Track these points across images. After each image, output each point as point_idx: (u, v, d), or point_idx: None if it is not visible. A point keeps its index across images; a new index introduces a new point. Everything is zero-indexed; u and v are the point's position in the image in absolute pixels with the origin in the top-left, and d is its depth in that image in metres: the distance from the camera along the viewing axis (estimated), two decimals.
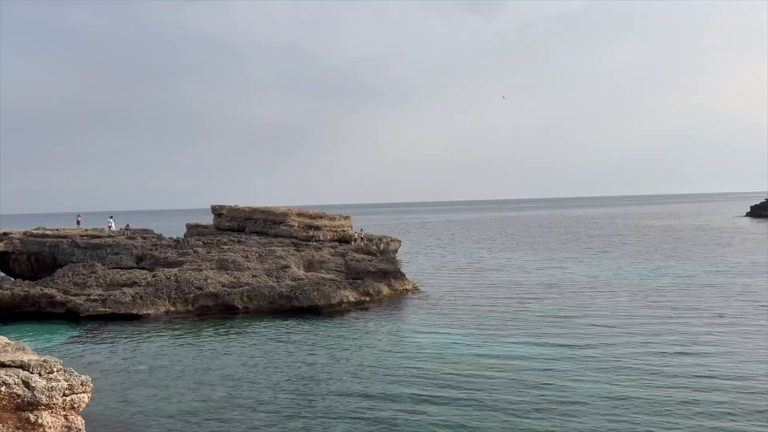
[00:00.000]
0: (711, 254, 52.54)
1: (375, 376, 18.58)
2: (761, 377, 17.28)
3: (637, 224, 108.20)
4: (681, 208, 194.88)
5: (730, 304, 28.80)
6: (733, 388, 16.38)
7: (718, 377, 17.35)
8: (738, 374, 17.57)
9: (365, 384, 17.77)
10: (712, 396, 15.84)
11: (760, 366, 18.39)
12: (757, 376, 17.39)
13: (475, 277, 41.58)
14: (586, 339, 22.52)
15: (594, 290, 34.38)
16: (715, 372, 17.88)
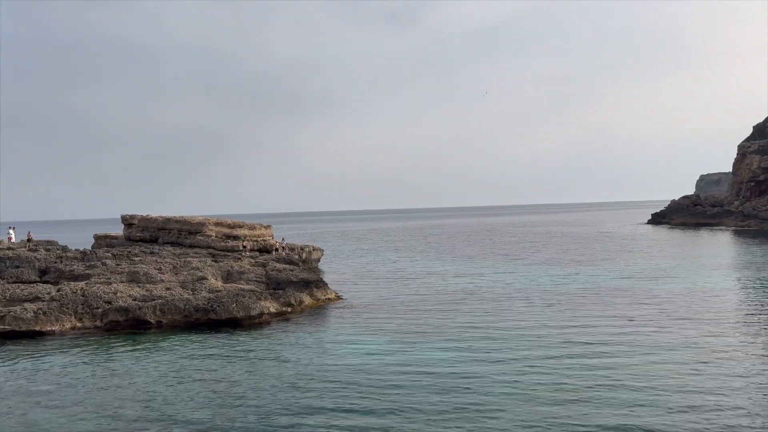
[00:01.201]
0: (617, 260, 55.78)
1: (296, 388, 18.28)
2: (670, 377, 18.42)
3: (548, 232, 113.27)
4: (588, 216, 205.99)
5: (638, 308, 30.61)
6: (645, 388, 17.36)
7: (629, 379, 18.27)
8: (649, 374, 18.61)
9: (286, 397, 17.44)
10: (624, 396, 16.70)
11: (668, 366, 19.61)
12: (665, 376, 18.51)
13: (396, 286, 41.95)
14: (504, 344, 23.20)
15: (510, 296, 35.55)
16: (627, 373, 18.82)
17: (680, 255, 59.37)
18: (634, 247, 70.28)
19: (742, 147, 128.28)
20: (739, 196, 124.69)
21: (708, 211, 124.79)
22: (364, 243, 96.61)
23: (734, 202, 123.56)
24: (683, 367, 19.23)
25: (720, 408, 15.48)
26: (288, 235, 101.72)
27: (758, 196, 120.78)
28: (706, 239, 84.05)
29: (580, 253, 64.50)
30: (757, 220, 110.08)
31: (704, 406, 15.65)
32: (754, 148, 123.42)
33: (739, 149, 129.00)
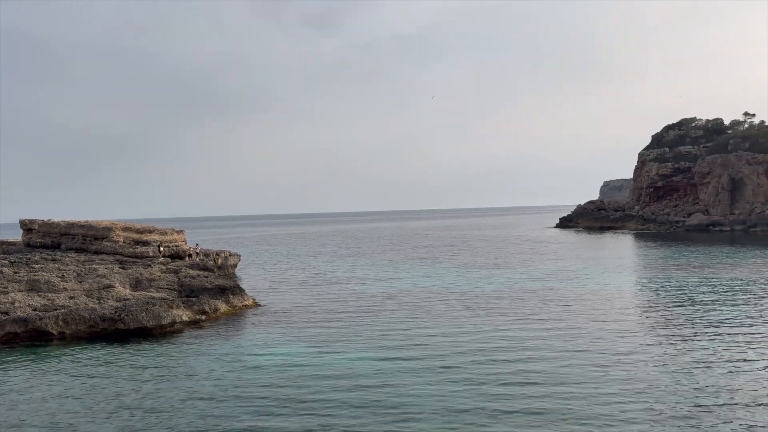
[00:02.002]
0: (529, 262, 58.06)
1: (209, 400, 17.60)
2: (579, 377, 19.23)
3: (466, 235, 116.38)
4: (503, 220, 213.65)
5: (549, 309, 31.88)
6: (556, 389, 18.04)
7: (542, 380, 18.92)
8: (560, 375, 19.34)
9: (197, 410, 16.74)
10: (537, 396, 17.28)
11: (577, 367, 20.48)
12: (575, 376, 19.32)
13: (316, 291, 41.55)
14: (422, 348, 23.47)
15: (429, 300, 36.08)
16: (540, 374, 19.49)
17: (587, 257, 62.65)
18: (544, 250, 73.45)
19: (642, 155, 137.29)
20: (639, 201, 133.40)
21: (611, 215, 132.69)
22: (284, 247, 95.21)
23: (635, 206, 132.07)
24: (590, 368, 20.13)
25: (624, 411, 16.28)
26: (203, 240, 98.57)
27: (656, 201, 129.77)
28: (609, 242, 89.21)
29: (495, 256, 66.64)
30: (656, 223, 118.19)
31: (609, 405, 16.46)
32: (652, 156, 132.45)
33: (640, 157, 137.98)
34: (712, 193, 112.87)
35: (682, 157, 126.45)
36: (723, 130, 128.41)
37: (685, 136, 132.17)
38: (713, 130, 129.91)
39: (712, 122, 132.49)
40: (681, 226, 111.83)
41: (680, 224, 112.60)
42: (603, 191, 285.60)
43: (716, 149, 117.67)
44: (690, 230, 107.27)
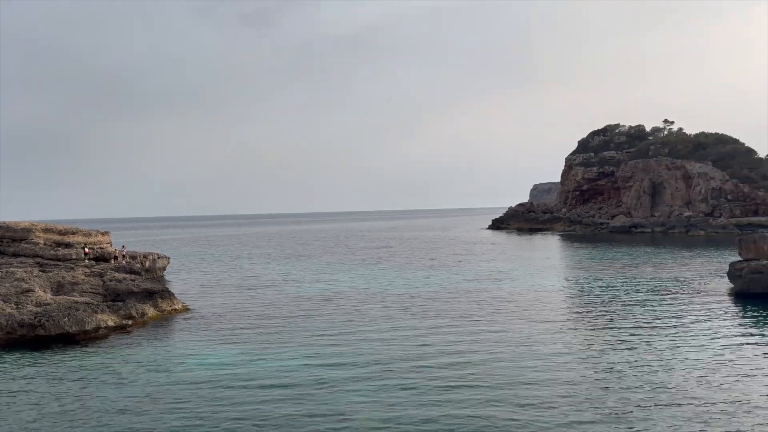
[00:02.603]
0: (463, 263, 59.13)
1: (139, 407, 16.82)
2: (512, 376, 19.64)
3: (403, 237, 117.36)
4: (438, 222, 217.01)
5: (483, 308, 32.49)
6: (491, 387, 18.34)
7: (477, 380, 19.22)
8: (495, 374, 19.71)
9: (127, 418, 15.97)
10: (473, 396, 17.52)
11: (510, 366, 20.92)
12: (505, 376, 19.73)
13: (249, 294, 40.68)
14: (359, 350, 23.37)
15: (365, 301, 36.04)
16: (475, 374, 19.77)
17: (518, 258, 64.48)
18: (477, 251, 75.06)
19: (568, 160, 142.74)
20: (566, 204, 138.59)
21: (540, 217, 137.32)
22: (216, 249, 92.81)
23: (562, 209, 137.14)
24: (521, 368, 20.61)
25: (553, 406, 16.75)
26: (130, 242, 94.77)
27: (582, 203, 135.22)
28: (539, 243, 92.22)
29: (431, 257, 67.48)
30: (582, 225, 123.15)
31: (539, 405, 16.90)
32: (578, 161, 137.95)
33: (567, 161, 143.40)
34: (634, 196, 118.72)
35: (606, 161, 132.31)
36: (644, 137, 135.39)
37: (609, 142, 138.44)
38: (635, 136, 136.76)
39: (634, 129, 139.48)
40: (605, 227, 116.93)
41: (604, 226, 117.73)
42: (533, 194, 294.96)
43: (638, 155, 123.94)
44: (613, 232, 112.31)
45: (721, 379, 18.35)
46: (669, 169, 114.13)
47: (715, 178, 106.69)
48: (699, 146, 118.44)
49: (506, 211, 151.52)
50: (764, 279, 33.30)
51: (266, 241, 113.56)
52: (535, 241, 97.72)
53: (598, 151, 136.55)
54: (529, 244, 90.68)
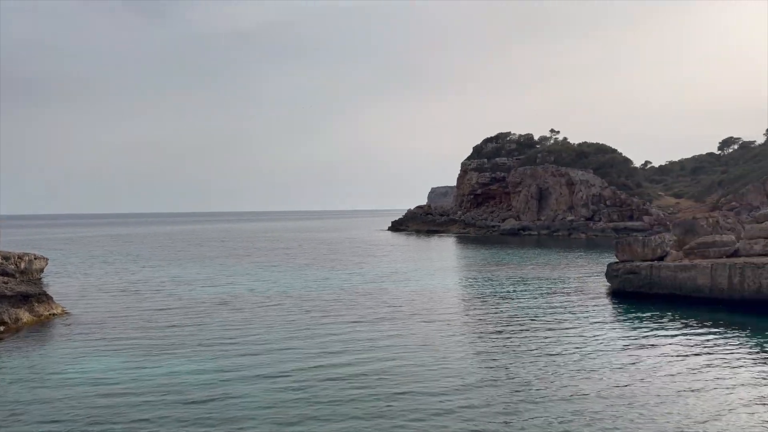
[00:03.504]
0: (364, 264, 59.40)
1: (13, 421, 15.22)
2: (410, 376, 19.82)
3: (303, 238, 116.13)
4: (338, 223, 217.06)
5: (384, 310, 32.69)
6: (394, 391, 18.38)
7: (378, 383, 19.23)
8: (397, 377, 19.78)
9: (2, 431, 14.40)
10: (375, 400, 17.46)
11: (409, 367, 21.12)
12: (404, 375, 19.90)
13: (136, 297, 38.36)
14: (256, 355, 22.67)
15: (264, 305, 35.13)
16: (377, 377, 19.77)
17: (416, 258, 65.81)
18: (377, 252, 75.79)
19: (464, 164, 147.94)
20: (461, 207, 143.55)
21: (437, 219, 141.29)
22: (102, 250, 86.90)
23: (458, 212, 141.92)
24: (419, 368, 20.93)
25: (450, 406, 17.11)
26: (5, 242, 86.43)
27: (476, 207, 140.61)
28: (436, 244, 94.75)
29: (332, 258, 67.22)
30: (475, 227, 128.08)
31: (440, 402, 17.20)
32: (473, 165, 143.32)
33: (462, 166, 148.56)
34: (523, 201, 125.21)
35: (498, 167, 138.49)
36: (533, 145, 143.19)
37: (501, 149, 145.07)
38: (525, 144, 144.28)
39: (524, 137, 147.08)
40: (497, 230, 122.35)
41: (496, 228, 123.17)
42: (431, 197, 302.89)
43: (527, 162, 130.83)
44: (504, 234, 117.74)
45: (602, 374, 19.61)
46: (554, 176, 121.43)
47: (596, 185, 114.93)
48: (581, 155, 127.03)
49: (405, 213, 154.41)
50: (637, 279, 36.14)
51: (159, 242, 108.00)
52: (433, 242, 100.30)
53: (491, 158, 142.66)
54: (427, 245, 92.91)
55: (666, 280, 34.60)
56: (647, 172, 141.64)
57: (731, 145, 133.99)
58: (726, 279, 31.84)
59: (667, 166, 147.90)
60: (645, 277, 35.74)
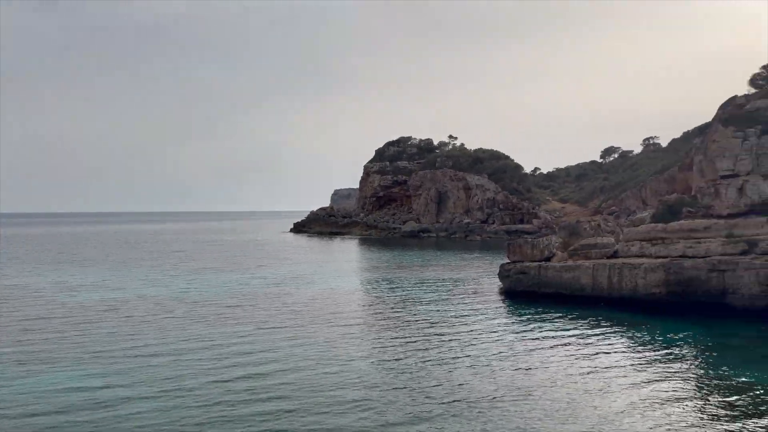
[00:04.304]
0: (265, 267, 58.24)
1: None
2: (312, 383, 19.66)
3: (200, 240, 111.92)
4: (238, 225, 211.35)
5: (284, 314, 32.24)
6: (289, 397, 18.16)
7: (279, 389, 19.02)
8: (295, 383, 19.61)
9: None
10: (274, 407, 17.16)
11: (311, 374, 20.94)
12: (306, 383, 19.72)
13: (13, 304, 35.24)
14: (147, 365, 21.59)
15: (154, 311, 33.52)
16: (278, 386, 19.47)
17: (319, 261, 65.54)
18: (279, 254, 74.65)
19: (367, 167, 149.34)
20: (364, 209, 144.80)
21: (340, 221, 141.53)
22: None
23: (360, 213, 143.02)
24: (322, 374, 20.84)
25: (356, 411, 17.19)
26: None
27: (378, 209, 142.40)
28: (338, 246, 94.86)
29: (230, 261, 65.34)
30: (377, 229, 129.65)
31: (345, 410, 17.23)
32: (375, 168, 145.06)
33: (365, 169, 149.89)
34: (423, 203, 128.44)
35: (399, 170, 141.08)
36: (433, 149, 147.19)
37: (402, 153, 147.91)
38: (425, 148, 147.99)
39: (424, 142, 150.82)
40: (398, 232, 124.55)
41: (397, 230, 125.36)
42: (334, 199, 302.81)
43: (427, 165, 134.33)
44: (404, 236, 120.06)
45: (498, 372, 20.54)
46: (452, 180, 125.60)
47: (490, 190, 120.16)
48: (477, 161, 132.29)
49: (308, 214, 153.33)
50: (527, 279, 38.18)
51: (36, 244, 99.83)
52: (335, 244, 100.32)
53: (393, 161, 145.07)
54: (330, 247, 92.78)
55: (552, 280, 36.81)
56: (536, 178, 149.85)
57: (612, 154, 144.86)
58: (606, 278, 34.39)
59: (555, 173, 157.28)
60: (534, 277, 37.82)
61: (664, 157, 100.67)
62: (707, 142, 40.12)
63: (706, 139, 42.03)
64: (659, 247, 34.31)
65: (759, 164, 35.03)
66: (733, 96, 44.96)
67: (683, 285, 31.61)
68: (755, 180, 34.75)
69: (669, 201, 39.90)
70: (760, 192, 34.35)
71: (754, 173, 34.95)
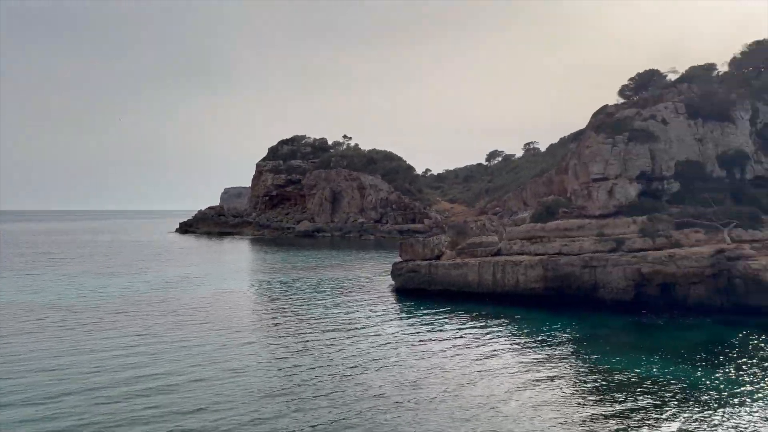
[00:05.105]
0: (150, 269, 55.30)
1: None
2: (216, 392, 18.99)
3: (76, 240, 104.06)
4: (119, 224, 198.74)
5: (172, 317, 30.83)
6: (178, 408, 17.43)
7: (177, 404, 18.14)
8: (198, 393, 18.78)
9: None
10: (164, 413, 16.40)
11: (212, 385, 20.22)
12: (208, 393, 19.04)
13: None
14: (18, 381, 19.88)
15: (27, 318, 30.86)
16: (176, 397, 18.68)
17: (208, 262, 63.28)
18: (165, 256, 71.20)
19: (259, 165, 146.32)
20: (256, 209, 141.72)
21: (230, 221, 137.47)
22: None
23: (252, 213, 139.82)
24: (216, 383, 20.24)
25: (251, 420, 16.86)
26: None
27: (272, 208, 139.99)
28: (229, 247, 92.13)
29: (112, 263, 61.38)
30: (270, 229, 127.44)
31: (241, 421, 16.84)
32: (269, 167, 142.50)
33: (258, 167, 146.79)
34: (317, 203, 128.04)
35: (293, 169, 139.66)
36: (327, 149, 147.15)
37: (296, 151, 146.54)
38: (320, 147, 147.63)
39: (318, 141, 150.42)
40: (291, 231, 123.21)
41: (291, 230, 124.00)
42: (224, 198, 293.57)
43: (322, 165, 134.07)
44: (299, 236, 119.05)
45: (392, 367, 21.01)
46: (347, 180, 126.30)
47: (384, 190, 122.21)
48: (371, 161, 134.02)
49: (195, 214, 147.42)
50: (418, 277, 39.32)
51: None
52: (226, 244, 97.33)
53: (287, 159, 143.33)
54: (220, 247, 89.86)
55: (442, 278, 38.20)
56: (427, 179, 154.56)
57: (496, 157, 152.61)
58: (491, 275, 36.23)
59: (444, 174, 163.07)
60: (424, 275, 39.04)
61: (543, 161, 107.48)
62: (581, 148, 43.44)
63: (580, 145, 45.49)
64: (538, 246, 36.68)
65: (626, 168, 38.47)
66: (604, 105, 49.13)
67: (559, 280, 34.02)
68: (623, 183, 38.12)
69: (547, 202, 42.74)
70: (627, 194, 37.74)
71: (622, 177, 38.33)
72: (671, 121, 40.86)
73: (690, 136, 40.74)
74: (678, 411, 16.58)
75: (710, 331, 26.99)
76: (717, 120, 41.42)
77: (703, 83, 47.43)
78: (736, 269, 30.67)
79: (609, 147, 39.12)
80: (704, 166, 40.02)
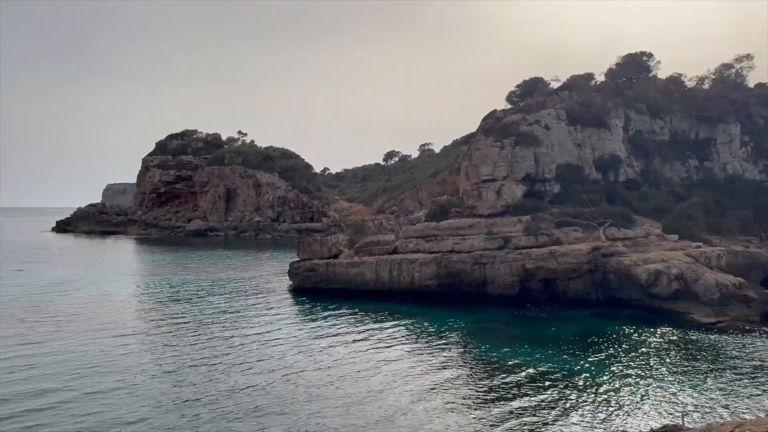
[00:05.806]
0: (22, 273, 50.78)
1: None
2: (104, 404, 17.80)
3: None
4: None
5: (48, 325, 28.54)
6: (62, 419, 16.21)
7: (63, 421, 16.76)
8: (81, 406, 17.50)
9: None
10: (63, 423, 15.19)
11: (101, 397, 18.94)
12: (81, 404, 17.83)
13: None
14: None
15: None
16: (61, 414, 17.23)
17: (89, 263, 59.14)
18: (40, 257, 65.68)
19: (146, 161, 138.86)
20: (142, 206, 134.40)
21: (114, 219, 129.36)
22: None
23: (138, 211, 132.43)
24: (100, 395, 19.07)
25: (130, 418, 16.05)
26: None
27: (159, 206, 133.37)
28: (112, 247, 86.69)
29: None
30: (158, 228, 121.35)
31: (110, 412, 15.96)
32: (156, 162, 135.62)
33: (144, 163, 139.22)
34: (210, 201, 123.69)
35: (184, 165, 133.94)
36: (221, 145, 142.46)
37: (187, 147, 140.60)
38: (212, 143, 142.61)
39: (211, 136, 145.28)
40: (182, 231, 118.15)
41: (181, 229, 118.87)
42: (106, 194, 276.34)
43: (215, 161, 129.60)
44: (190, 235, 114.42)
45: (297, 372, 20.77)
46: (242, 177, 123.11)
47: (281, 188, 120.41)
48: (268, 158, 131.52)
49: (74, 211, 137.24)
50: (316, 276, 39.19)
51: None
52: (108, 244, 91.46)
53: (176, 155, 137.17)
54: (102, 248, 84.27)
55: (340, 276, 38.33)
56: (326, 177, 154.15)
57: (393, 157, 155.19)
58: (387, 273, 36.86)
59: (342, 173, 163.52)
60: (322, 274, 38.97)
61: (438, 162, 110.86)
62: (472, 150, 45.31)
63: (471, 148, 47.44)
64: (432, 244, 37.83)
65: (513, 170, 40.62)
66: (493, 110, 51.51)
67: (452, 277, 35.30)
68: (509, 184, 40.20)
69: (440, 202, 44.18)
70: (513, 195, 39.85)
71: (509, 178, 40.42)
72: (553, 127, 43.69)
73: (570, 141, 43.79)
74: (558, 396, 17.81)
75: (587, 322, 29.18)
76: (594, 126, 44.87)
77: (583, 91, 51.21)
78: (610, 265, 33.38)
79: (497, 150, 41.13)
80: (582, 169, 43.19)
